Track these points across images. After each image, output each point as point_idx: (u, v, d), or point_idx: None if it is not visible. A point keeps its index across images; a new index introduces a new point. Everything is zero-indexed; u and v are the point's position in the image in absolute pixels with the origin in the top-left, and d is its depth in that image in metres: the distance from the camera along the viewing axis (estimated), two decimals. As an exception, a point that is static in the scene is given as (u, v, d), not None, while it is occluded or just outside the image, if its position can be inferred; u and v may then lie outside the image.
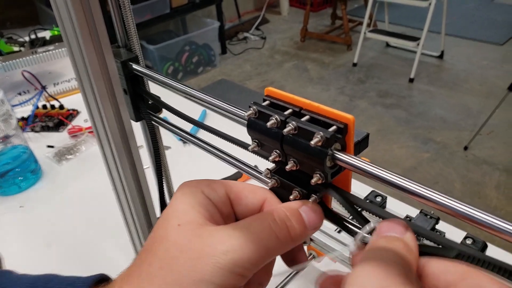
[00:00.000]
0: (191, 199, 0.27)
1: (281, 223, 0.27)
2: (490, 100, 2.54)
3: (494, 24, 3.63)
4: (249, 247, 0.25)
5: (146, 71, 0.45)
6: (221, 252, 0.24)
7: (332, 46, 3.58)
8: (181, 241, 0.25)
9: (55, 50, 1.12)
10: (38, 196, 0.81)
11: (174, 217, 0.27)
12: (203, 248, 0.25)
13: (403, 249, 0.23)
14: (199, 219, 0.26)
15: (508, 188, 1.93)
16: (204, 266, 0.24)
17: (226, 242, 0.25)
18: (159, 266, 0.25)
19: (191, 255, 0.24)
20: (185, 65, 3.11)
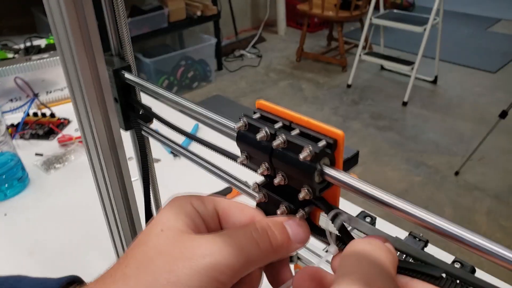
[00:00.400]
0: (178, 209, 0.27)
1: (262, 232, 0.27)
2: (481, 126, 2.56)
3: (487, 52, 3.69)
4: (229, 252, 0.24)
5: (138, 80, 0.45)
6: (199, 256, 0.24)
7: (328, 67, 3.61)
8: (161, 245, 0.25)
9: (50, 58, 1.12)
10: (24, 204, 0.80)
11: (158, 224, 0.26)
12: (182, 251, 0.24)
13: (383, 252, 0.23)
14: (182, 227, 0.26)
15: (498, 214, 1.94)
16: (181, 269, 0.23)
17: (205, 246, 0.24)
18: (135, 267, 0.24)
19: (169, 257, 0.24)
20: (180, 79, 3.12)
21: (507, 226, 1.87)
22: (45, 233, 0.73)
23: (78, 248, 0.69)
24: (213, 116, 0.36)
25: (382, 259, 0.22)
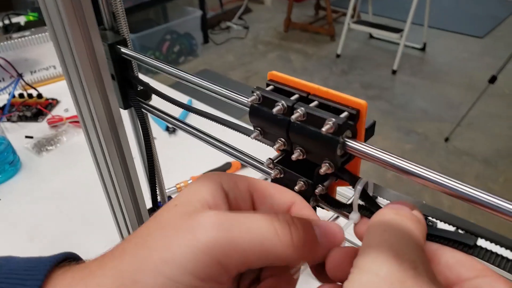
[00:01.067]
0: (201, 186, 0.24)
1: (283, 223, 0.22)
2: (470, 92, 2.58)
3: (475, 17, 3.68)
4: (239, 231, 0.21)
5: (136, 54, 0.42)
6: (202, 228, 0.20)
7: (316, 37, 3.57)
8: (168, 218, 0.22)
9: (31, 36, 1.07)
10: (18, 188, 0.78)
11: (176, 199, 0.24)
12: (184, 225, 0.21)
13: (411, 222, 0.22)
14: (198, 203, 0.23)
15: (486, 178, 1.97)
16: (178, 244, 0.20)
17: (211, 219, 0.21)
18: (135, 242, 0.22)
19: (169, 231, 0.21)
20: (167, 54, 3.05)
21: (495, 189, 1.91)
22: (43, 217, 0.71)
23: (80, 230, 0.68)
24: (222, 90, 0.34)
25: (410, 230, 0.21)
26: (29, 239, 0.67)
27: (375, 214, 0.23)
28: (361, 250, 0.21)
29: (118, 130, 0.45)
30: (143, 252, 0.21)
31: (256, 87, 0.30)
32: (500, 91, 2.54)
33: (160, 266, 0.20)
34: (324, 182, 0.29)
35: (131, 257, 0.21)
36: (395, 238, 0.20)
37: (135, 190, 0.51)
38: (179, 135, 0.91)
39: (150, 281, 0.20)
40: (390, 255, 0.19)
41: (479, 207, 0.22)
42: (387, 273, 0.18)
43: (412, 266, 0.19)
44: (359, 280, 0.19)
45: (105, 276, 0.20)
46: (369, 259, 0.20)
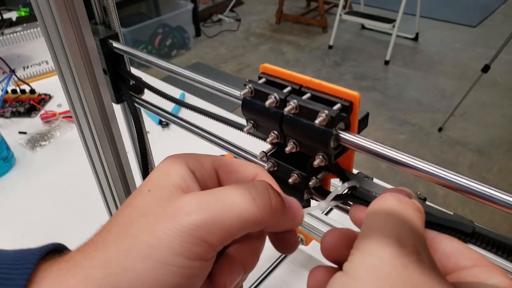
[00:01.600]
0: (169, 169, 0.24)
1: (262, 189, 0.24)
2: (463, 81, 2.59)
3: (467, 6, 3.69)
4: (219, 209, 0.21)
5: (128, 49, 0.42)
6: (184, 213, 0.21)
7: (308, 28, 3.56)
8: (145, 205, 0.22)
9: (23, 31, 1.06)
10: (12, 184, 0.77)
11: (147, 184, 0.24)
12: (165, 210, 0.21)
13: (412, 209, 0.22)
14: (171, 187, 0.23)
15: (480, 168, 1.99)
16: (162, 230, 0.20)
17: (191, 203, 0.22)
18: (116, 232, 0.22)
19: (150, 218, 0.21)
20: (159, 48, 3.03)
21: (489, 178, 1.93)
22: (38, 213, 0.71)
23: (74, 224, 0.68)
24: (214, 84, 0.34)
25: (412, 217, 0.21)
26: (24, 234, 0.67)
27: (376, 200, 0.23)
28: (362, 233, 0.21)
29: (111, 125, 0.45)
30: (127, 240, 0.21)
31: (248, 80, 0.30)
32: (493, 80, 2.56)
33: (148, 251, 0.20)
34: (318, 175, 0.30)
35: (116, 246, 0.21)
36: (398, 224, 0.21)
37: (128, 183, 0.51)
38: (173, 128, 0.91)
39: (140, 266, 0.20)
40: (393, 239, 0.19)
41: (472, 198, 0.22)
42: (390, 256, 0.19)
43: (414, 251, 0.19)
44: (361, 262, 0.19)
45: (93, 266, 0.20)
46: (372, 242, 0.20)
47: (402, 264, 0.18)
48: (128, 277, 0.20)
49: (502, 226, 1.65)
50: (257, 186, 0.24)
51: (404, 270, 0.18)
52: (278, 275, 0.58)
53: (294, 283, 0.58)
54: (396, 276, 0.18)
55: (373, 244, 0.19)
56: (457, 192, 0.23)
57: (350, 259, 0.20)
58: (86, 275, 0.20)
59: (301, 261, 0.61)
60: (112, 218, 0.23)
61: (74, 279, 0.20)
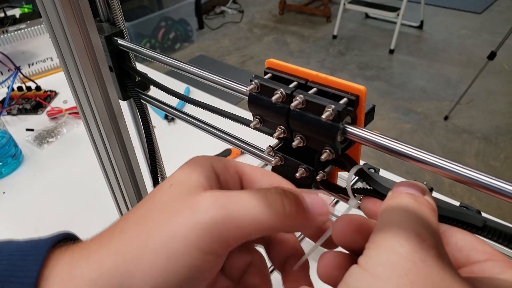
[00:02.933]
0: (194, 167, 0.25)
1: (276, 195, 0.24)
2: (468, 69, 2.57)
3: (472, -7, 3.64)
4: (236, 209, 0.22)
5: (133, 46, 0.42)
6: (203, 209, 0.22)
7: (312, 18, 3.53)
8: (165, 199, 0.23)
9: (27, 28, 1.06)
10: (21, 181, 0.78)
11: (170, 180, 0.24)
12: (184, 204, 0.22)
13: (428, 209, 0.21)
14: (193, 184, 0.24)
15: (486, 155, 1.98)
16: (180, 222, 0.21)
17: (211, 200, 0.22)
18: (134, 222, 0.22)
19: (170, 210, 0.22)
20: (162, 41, 3.03)
21: (496, 166, 1.92)
22: (47, 209, 0.72)
23: (83, 220, 0.69)
24: (220, 80, 0.34)
25: (429, 216, 0.21)
26: (35, 231, 0.68)
27: (392, 197, 0.23)
28: (378, 228, 0.21)
29: (118, 122, 0.45)
30: (144, 230, 0.21)
31: (255, 75, 0.30)
32: (499, 67, 2.53)
33: (163, 242, 0.21)
34: (325, 168, 0.30)
35: (133, 236, 0.21)
36: (415, 220, 0.20)
37: (136, 178, 0.51)
38: (178, 123, 0.92)
39: (154, 256, 0.20)
40: (412, 234, 0.19)
41: (479, 189, 0.22)
42: (409, 252, 0.18)
43: (433, 246, 0.19)
44: (379, 257, 0.19)
45: (107, 254, 0.21)
46: (389, 237, 0.19)
47: (421, 259, 0.18)
48: (141, 266, 0.20)
49: (509, 214, 1.65)
50: (272, 191, 0.24)
51: (423, 265, 0.18)
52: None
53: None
54: (416, 273, 0.18)
55: (391, 239, 0.19)
56: (464, 184, 0.23)
57: (366, 253, 0.19)
58: (100, 261, 0.20)
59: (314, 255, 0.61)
60: (132, 210, 0.23)
61: (87, 266, 0.20)
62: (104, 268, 0.20)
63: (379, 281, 0.18)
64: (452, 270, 0.18)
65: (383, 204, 0.23)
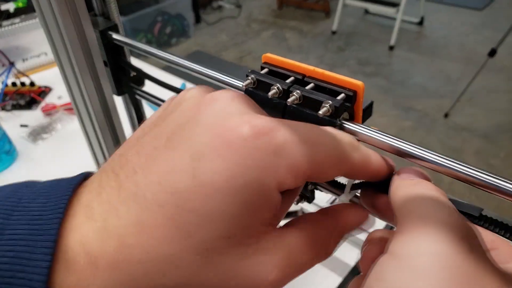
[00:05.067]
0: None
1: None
2: (469, 66, 2.56)
3: (472, -11, 3.63)
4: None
5: (128, 40, 0.41)
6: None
7: (311, 13, 3.52)
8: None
9: (21, 23, 1.05)
10: (15, 177, 0.77)
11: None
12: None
13: (444, 198, 0.20)
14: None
15: (486, 154, 1.98)
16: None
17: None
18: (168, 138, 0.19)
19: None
20: (158, 36, 3.01)
21: (495, 165, 1.92)
22: (42, 206, 0.71)
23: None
24: (216, 75, 0.34)
25: (451, 204, 0.20)
26: (30, 228, 0.67)
27: (405, 185, 0.22)
28: (405, 216, 0.19)
29: (113, 117, 0.44)
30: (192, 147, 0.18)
31: (251, 70, 0.29)
32: (500, 65, 2.53)
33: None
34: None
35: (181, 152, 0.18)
36: (447, 211, 0.19)
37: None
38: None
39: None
40: (449, 223, 0.17)
41: (479, 188, 0.22)
42: (452, 241, 0.17)
43: (471, 235, 0.18)
44: (417, 247, 0.17)
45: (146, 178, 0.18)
46: (423, 225, 0.17)
47: (465, 251, 0.16)
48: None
49: (509, 213, 1.65)
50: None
51: (465, 256, 0.16)
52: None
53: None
54: (461, 264, 0.16)
55: (426, 227, 0.17)
56: (463, 181, 0.22)
57: (398, 241, 0.18)
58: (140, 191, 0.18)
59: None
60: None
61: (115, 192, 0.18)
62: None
63: (423, 274, 0.16)
64: (488, 260, 0.17)
65: (397, 193, 0.21)
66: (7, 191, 0.19)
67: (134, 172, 0.18)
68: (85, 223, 0.17)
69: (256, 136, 0.18)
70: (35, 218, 0.17)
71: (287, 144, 0.18)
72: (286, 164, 0.18)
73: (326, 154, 0.20)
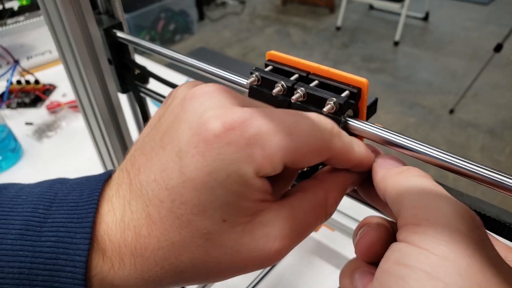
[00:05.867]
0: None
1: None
2: (474, 62, 2.54)
3: (477, -16, 3.60)
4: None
5: (132, 38, 0.41)
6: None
7: (315, 9, 3.50)
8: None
9: (26, 21, 1.05)
10: (21, 175, 0.78)
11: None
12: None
13: (438, 187, 0.21)
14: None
15: (492, 150, 1.96)
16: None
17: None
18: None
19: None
20: (162, 33, 3.01)
21: (501, 160, 1.90)
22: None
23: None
24: (221, 72, 0.34)
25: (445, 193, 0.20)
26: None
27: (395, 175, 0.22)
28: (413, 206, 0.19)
29: (117, 115, 0.45)
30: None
31: (255, 68, 0.29)
32: (506, 60, 2.51)
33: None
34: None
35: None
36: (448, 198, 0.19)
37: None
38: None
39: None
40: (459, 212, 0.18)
41: (484, 185, 0.22)
42: (469, 230, 0.17)
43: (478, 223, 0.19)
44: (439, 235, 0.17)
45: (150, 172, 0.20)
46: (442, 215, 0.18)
47: (480, 239, 0.17)
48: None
49: (513, 208, 1.64)
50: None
51: (483, 244, 0.17)
52: (288, 262, 0.58)
53: (303, 269, 0.58)
54: (480, 252, 0.17)
55: (446, 217, 0.18)
56: (468, 178, 0.22)
57: (417, 231, 0.18)
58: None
59: (310, 248, 0.61)
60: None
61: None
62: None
63: (446, 261, 0.16)
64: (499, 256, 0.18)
65: (389, 182, 0.22)
66: (43, 187, 0.21)
67: (138, 171, 0.20)
68: (108, 215, 0.20)
69: (228, 131, 0.19)
70: (71, 209, 0.20)
71: (259, 135, 0.19)
72: (260, 154, 0.19)
73: (303, 141, 0.20)
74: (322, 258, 0.59)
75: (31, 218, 0.19)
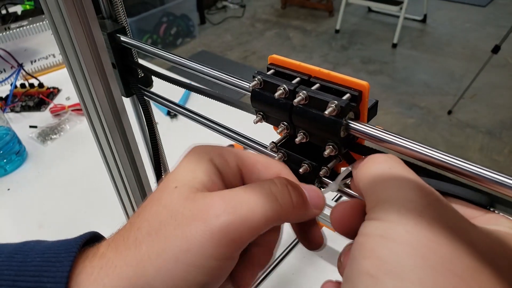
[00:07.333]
0: (195, 165, 0.25)
1: (282, 187, 0.25)
2: (472, 63, 2.55)
3: (476, -14, 3.61)
4: (245, 210, 0.22)
5: (136, 42, 0.42)
6: (212, 216, 0.22)
7: (314, 12, 3.51)
8: (173, 205, 0.23)
9: (29, 25, 1.06)
10: (25, 177, 0.79)
11: (173, 180, 0.24)
12: (194, 213, 0.22)
13: (390, 166, 0.22)
14: (197, 185, 0.24)
15: (490, 150, 1.97)
16: (193, 234, 0.21)
17: (218, 204, 0.22)
18: (147, 232, 0.22)
19: (181, 221, 0.22)
20: (164, 37, 3.02)
21: (500, 160, 1.91)
22: (51, 205, 0.72)
23: (87, 216, 0.69)
24: (223, 76, 0.34)
25: (410, 173, 0.22)
26: (39, 227, 0.68)
27: (363, 165, 0.23)
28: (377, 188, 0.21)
29: (122, 118, 0.45)
30: (159, 242, 0.21)
31: (257, 71, 0.30)
32: (503, 61, 2.52)
33: (180, 255, 0.21)
34: (328, 164, 0.30)
35: (148, 247, 0.22)
36: (412, 175, 0.21)
37: (140, 174, 0.51)
38: (181, 119, 0.92)
39: (172, 268, 0.21)
40: (413, 187, 0.20)
41: (483, 185, 0.22)
42: (428, 203, 0.19)
43: (436, 196, 0.20)
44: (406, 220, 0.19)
45: (126, 265, 0.21)
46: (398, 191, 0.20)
47: (435, 208, 0.19)
48: (161, 277, 0.21)
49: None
50: (277, 184, 0.25)
51: (439, 212, 0.19)
52: (290, 262, 0.59)
53: (305, 269, 0.59)
54: (434, 217, 0.18)
55: (398, 194, 0.20)
56: (468, 178, 0.23)
57: (373, 211, 0.20)
58: (119, 274, 0.21)
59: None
60: (140, 214, 0.24)
61: (108, 278, 0.21)
62: (125, 280, 0.21)
63: (398, 225, 0.18)
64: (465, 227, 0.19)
65: (358, 178, 0.23)
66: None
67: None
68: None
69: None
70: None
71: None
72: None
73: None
74: (323, 258, 0.59)
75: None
